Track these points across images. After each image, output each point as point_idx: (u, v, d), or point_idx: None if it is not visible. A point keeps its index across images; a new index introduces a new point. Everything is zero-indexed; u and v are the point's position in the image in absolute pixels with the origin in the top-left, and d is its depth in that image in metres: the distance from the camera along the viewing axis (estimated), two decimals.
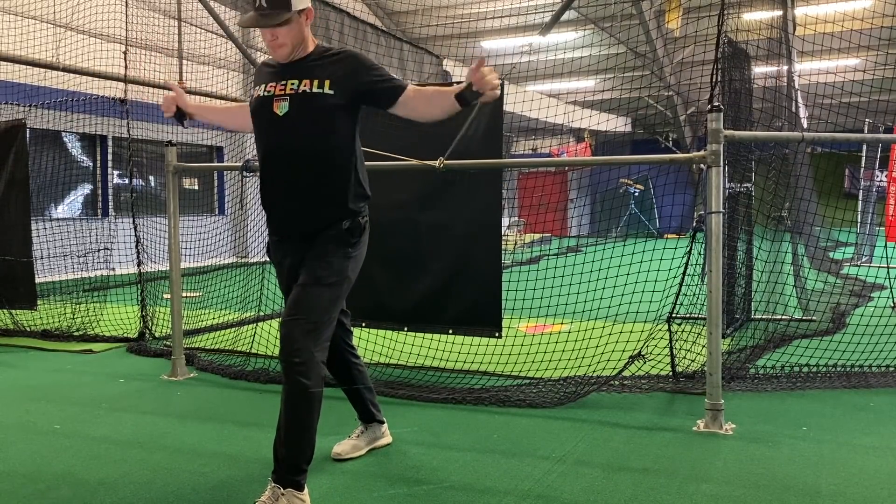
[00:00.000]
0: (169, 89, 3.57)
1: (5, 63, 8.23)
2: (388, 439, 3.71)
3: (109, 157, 12.99)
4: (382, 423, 3.68)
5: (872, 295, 8.39)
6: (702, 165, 4.18)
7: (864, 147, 11.46)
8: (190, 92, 9.00)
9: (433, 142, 4.35)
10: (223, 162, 14.32)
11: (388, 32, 13.47)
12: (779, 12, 7.20)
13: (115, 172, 13.16)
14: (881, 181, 12.12)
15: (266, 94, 3.08)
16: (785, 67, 7.04)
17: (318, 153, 3.04)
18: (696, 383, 4.62)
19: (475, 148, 4.77)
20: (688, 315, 5.18)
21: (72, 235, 8.75)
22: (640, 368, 4.79)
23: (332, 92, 3.00)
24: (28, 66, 8.03)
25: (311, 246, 3.06)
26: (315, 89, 3.00)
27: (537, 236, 16.43)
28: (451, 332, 5.00)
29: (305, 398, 2.89)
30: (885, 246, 8.99)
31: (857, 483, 3.19)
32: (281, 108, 3.03)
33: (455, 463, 3.47)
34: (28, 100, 8.98)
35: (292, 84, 3.04)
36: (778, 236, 6.79)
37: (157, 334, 6.37)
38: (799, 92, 7.70)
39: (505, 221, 8.50)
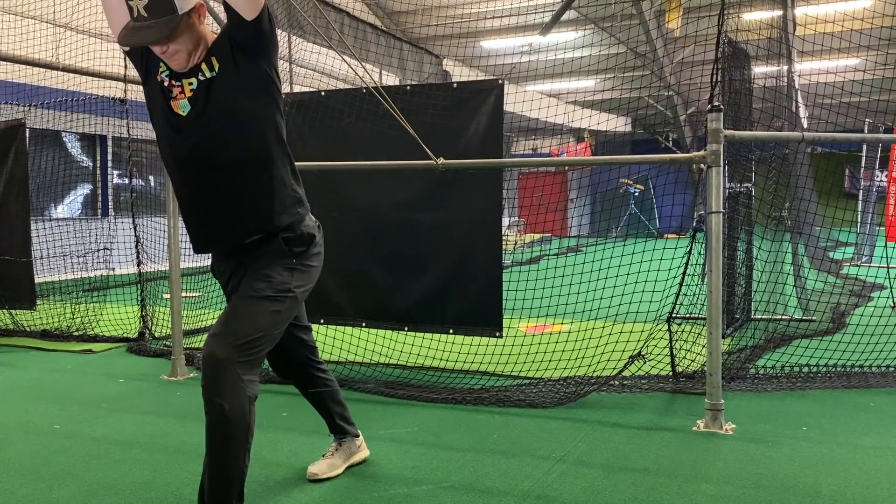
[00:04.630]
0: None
1: (5, 63, 8.23)
2: (364, 453, 3.49)
3: (109, 157, 12.99)
4: (357, 436, 3.45)
5: (872, 295, 8.38)
6: (702, 165, 4.18)
7: (864, 147, 11.45)
8: None
9: (432, 141, 4.35)
10: None
11: (388, 32, 13.46)
12: (779, 12, 7.20)
13: (115, 172, 13.16)
14: (881, 181, 12.11)
15: (165, 84, 2.66)
16: (785, 67, 7.04)
17: (236, 140, 2.65)
18: (696, 383, 4.62)
19: (475, 148, 4.78)
20: (688, 315, 5.18)
21: (71, 235, 8.75)
22: (640, 368, 4.79)
23: (219, 65, 2.60)
24: (28, 66, 8.02)
25: (253, 260, 2.73)
26: (208, 74, 2.61)
27: (537, 236, 16.43)
28: (451, 331, 5.00)
29: (225, 424, 2.54)
30: (885, 246, 8.99)
31: (857, 483, 3.18)
32: (181, 107, 2.64)
33: (455, 463, 3.47)
34: (28, 100, 8.97)
35: (190, 84, 2.63)
36: (778, 236, 6.79)
37: (157, 334, 6.37)
38: (799, 92, 7.70)
39: (505, 221, 8.50)
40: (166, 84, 2.66)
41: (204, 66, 2.61)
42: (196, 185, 2.71)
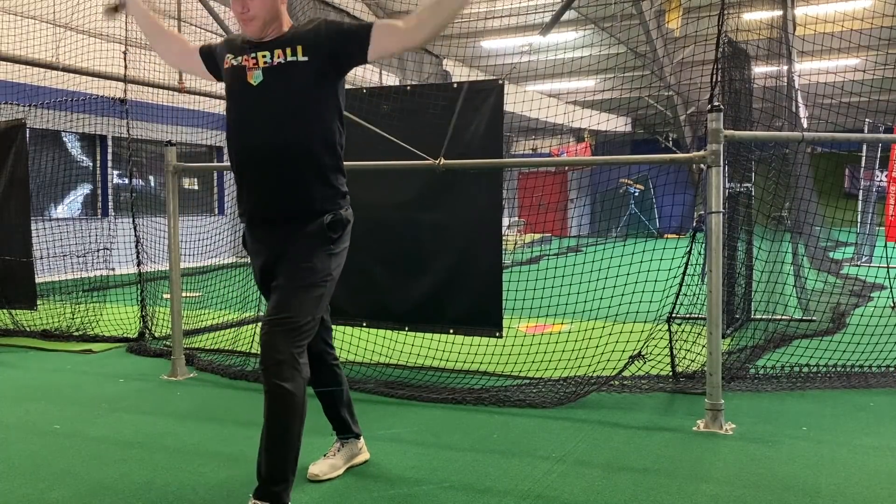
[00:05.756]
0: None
1: (5, 63, 8.23)
2: (365, 455, 3.49)
3: (109, 157, 12.99)
4: (359, 437, 3.47)
5: (872, 295, 8.38)
6: (702, 165, 4.18)
7: (864, 147, 11.46)
8: (190, 92, 9.00)
9: (432, 141, 4.35)
10: (223, 162, 14.32)
11: None
12: (779, 12, 7.20)
13: (115, 172, 13.16)
14: (881, 181, 12.11)
15: (237, 63, 2.92)
16: (785, 67, 7.05)
17: (296, 126, 2.85)
18: (696, 383, 4.62)
19: (475, 148, 4.78)
20: (688, 315, 5.18)
21: (71, 235, 8.75)
22: (640, 368, 4.79)
23: (306, 58, 2.83)
24: (28, 66, 8.03)
25: (290, 243, 2.89)
26: (289, 58, 2.84)
27: (537, 236, 16.43)
28: (451, 331, 5.00)
29: (286, 403, 2.75)
30: (885, 246, 8.99)
31: (857, 483, 3.19)
32: (255, 77, 2.87)
33: (455, 463, 3.47)
34: (28, 100, 8.98)
35: (264, 56, 2.87)
36: (778, 236, 6.79)
37: (157, 334, 6.37)
38: (799, 92, 7.70)
39: (505, 221, 8.50)
40: (236, 64, 2.92)
41: (288, 50, 2.84)
42: (260, 153, 2.89)
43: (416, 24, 2.81)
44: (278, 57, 2.84)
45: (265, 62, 2.86)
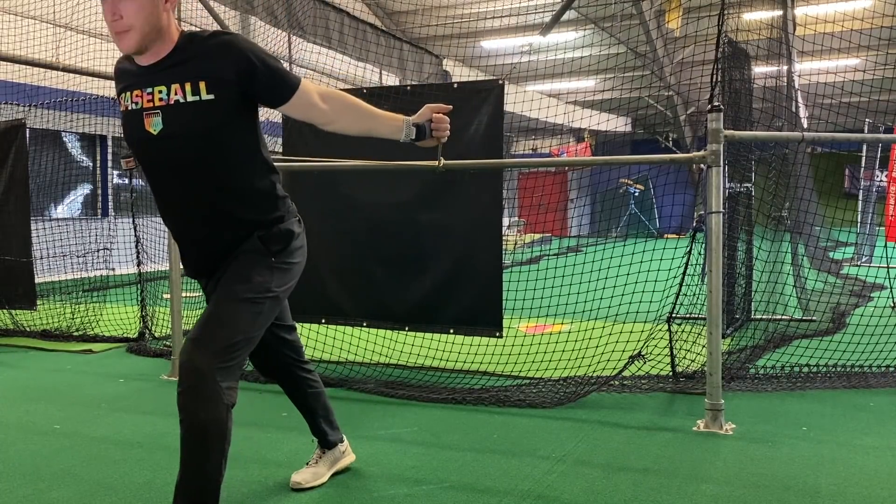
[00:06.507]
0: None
1: (5, 63, 8.23)
2: (349, 458, 3.35)
3: (109, 157, 12.99)
4: (341, 441, 3.31)
5: (872, 295, 8.39)
6: (702, 165, 4.18)
7: (864, 147, 11.46)
8: None
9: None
10: None
11: (388, 32, 13.47)
12: (779, 12, 7.20)
13: (115, 172, 13.16)
14: (881, 181, 12.12)
15: (134, 106, 2.51)
16: (785, 67, 7.05)
17: (209, 172, 2.53)
18: (696, 383, 4.62)
19: (475, 148, 4.78)
20: (688, 315, 5.18)
21: (71, 235, 8.76)
22: (640, 368, 4.79)
23: (211, 96, 2.43)
24: (28, 66, 8.02)
25: (230, 263, 2.62)
26: (190, 97, 2.43)
27: (537, 236, 16.43)
28: (451, 331, 5.00)
29: (202, 433, 2.41)
30: (885, 246, 8.99)
31: (857, 483, 3.19)
32: (154, 124, 2.47)
33: (455, 463, 3.47)
34: (28, 100, 8.98)
35: (160, 92, 2.46)
36: (778, 236, 6.79)
37: (157, 334, 6.37)
38: (799, 92, 7.70)
39: (505, 221, 8.49)
40: (133, 108, 2.52)
41: (188, 87, 2.44)
42: (176, 203, 2.64)
43: (333, 118, 2.66)
44: (176, 93, 2.44)
45: (161, 100, 2.45)
